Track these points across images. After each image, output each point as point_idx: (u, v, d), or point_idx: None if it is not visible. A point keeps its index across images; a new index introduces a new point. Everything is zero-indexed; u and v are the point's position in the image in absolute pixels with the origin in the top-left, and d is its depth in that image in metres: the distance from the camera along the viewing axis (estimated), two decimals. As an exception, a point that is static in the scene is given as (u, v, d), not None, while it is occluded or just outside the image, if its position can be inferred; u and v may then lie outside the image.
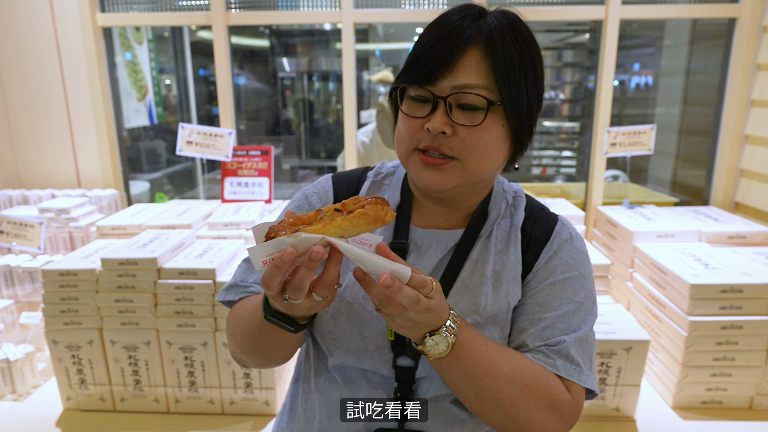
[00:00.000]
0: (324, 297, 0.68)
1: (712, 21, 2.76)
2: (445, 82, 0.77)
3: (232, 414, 1.75)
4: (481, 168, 0.81)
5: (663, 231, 2.00)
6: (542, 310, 0.85)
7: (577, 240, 0.91)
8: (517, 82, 0.76)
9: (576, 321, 0.85)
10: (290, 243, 0.60)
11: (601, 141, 2.42)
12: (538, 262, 0.88)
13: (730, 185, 2.51)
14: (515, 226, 0.90)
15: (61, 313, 1.69)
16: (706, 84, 2.76)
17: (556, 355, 0.82)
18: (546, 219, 0.92)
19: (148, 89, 3.46)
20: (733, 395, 1.69)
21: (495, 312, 0.85)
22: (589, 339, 0.86)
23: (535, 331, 0.84)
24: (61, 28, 2.45)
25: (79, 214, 2.24)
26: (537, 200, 0.97)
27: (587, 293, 0.88)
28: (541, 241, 0.89)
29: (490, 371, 0.76)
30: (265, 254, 0.62)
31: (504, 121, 0.79)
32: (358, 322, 0.86)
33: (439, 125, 0.77)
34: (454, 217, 0.91)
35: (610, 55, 2.40)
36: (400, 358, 0.85)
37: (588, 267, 0.90)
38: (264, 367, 0.94)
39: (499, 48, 0.75)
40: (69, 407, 1.78)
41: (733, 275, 1.64)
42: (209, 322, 1.66)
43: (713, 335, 1.62)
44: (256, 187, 2.37)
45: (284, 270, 0.63)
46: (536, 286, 0.87)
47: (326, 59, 5.58)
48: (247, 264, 0.96)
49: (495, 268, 0.87)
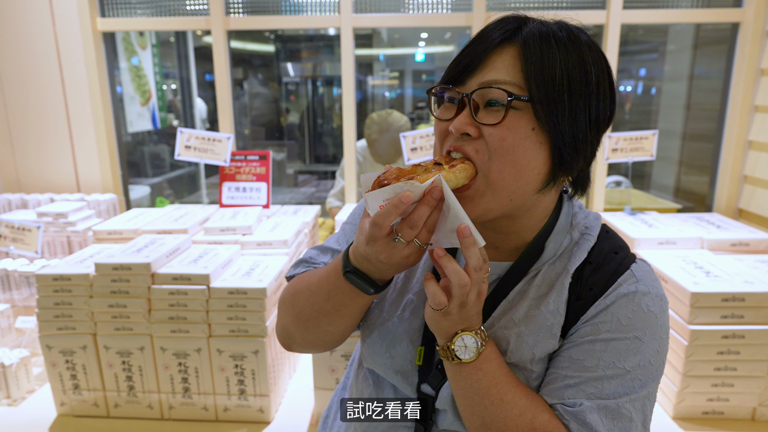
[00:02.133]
0: (423, 243, 0.70)
1: (715, 26, 2.74)
2: (473, 81, 0.72)
3: (226, 421, 1.73)
4: (506, 179, 0.71)
5: (664, 238, 1.98)
6: (572, 367, 0.74)
7: (645, 297, 0.75)
8: (555, 84, 0.69)
9: (611, 390, 0.72)
10: (407, 189, 0.66)
11: (603, 147, 2.40)
12: (586, 316, 0.76)
13: (734, 192, 2.48)
14: (567, 271, 0.78)
15: (55, 318, 1.68)
16: (710, 89, 2.74)
17: (571, 417, 0.72)
18: (613, 266, 0.78)
19: (151, 94, 3.47)
20: (735, 406, 1.66)
21: (516, 361, 0.77)
22: (625, 412, 0.72)
23: (556, 388, 0.75)
24: (61, 33, 2.46)
25: (77, 218, 2.24)
26: (617, 240, 0.83)
27: (641, 363, 0.73)
28: (597, 291, 0.76)
29: (504, 398, 0.73)
30: (382, 199, 0.67)
31: (534, 124, 0.70)
32: (389, 340, 0.85)
33: (461, 125, 0.71)
34: (505, 247, 0.82)
35: (611, 60, 2.38)
36: (423, 385, 0.84)
37: (653, 331, 0.74)
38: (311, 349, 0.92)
39: (535, 47, 0.69)
40: (63, 413, 1.77)
41: (735, 283, 1.61)
42: (203, 328, 1.65)
43: (714, 344, 1.59)
44: (254, 192, 2.36)
45: (401, 210, 0.66)
46: (576, 340, 0.76)
47: (330, 64, 5.59)
48: (319, 249, 0.97)
49: (529, 313, 0.78)
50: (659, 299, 0.76)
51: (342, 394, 1.05)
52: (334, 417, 1.04)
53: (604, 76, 0.73)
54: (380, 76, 5.98)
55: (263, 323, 1.64)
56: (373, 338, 0.87)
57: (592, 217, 0.84)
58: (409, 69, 6.22)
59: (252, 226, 2.04)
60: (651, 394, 0.75)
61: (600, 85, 0.72)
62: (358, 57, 5.27)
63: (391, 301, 0.88)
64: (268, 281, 1.65)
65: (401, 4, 2.48)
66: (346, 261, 0.76)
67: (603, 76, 0.72)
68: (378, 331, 0.87)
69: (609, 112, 0.75)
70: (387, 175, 0.69)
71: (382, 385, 0.89)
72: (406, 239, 0.68)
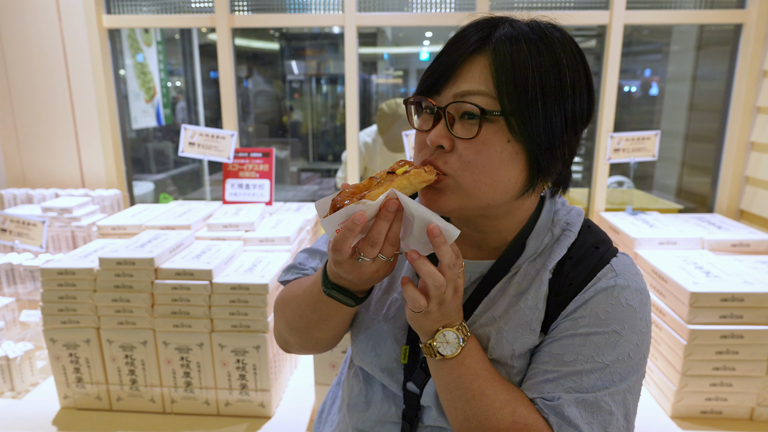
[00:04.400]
0: (388, 257, 0.70)
1: (718, 27, 2.74)
2: (447, 91, 0.71)
3: (227, 415, 1.75)
4: (481, 189, 0.71)
5: (665, 238, 1.98)
6: (552, 361, 0.75)
7: (624, 290, 0.75)
8: (528, 92, 0.67)
9: (590, 383, 0.72)
10: (359, 209, 0.65)
11: (605, 146, 2.40)
12: (565, 311, 0.76)
13: (735, 192, 2.48)
14: (546, 267, 0.78)
15: (59, 311, 1.70)
16: (712, 90, 2.73)
17: (550, 410, 0.72)
18: (593, 260, 0.78)
19: (156, 91, 3.49)
20: (734, 405, 1.66)
21: (497, 356, 0.78)
22: (604, 405, 0.72)
23: (536, 383, 0.75)
24: (67, 29, 2.47)
25: (82, 213, 2.26)
26: (599, 235, 0.83)
27: (620, 356, 0.73)
28: (576, 286, 0.76)
29: (485, 392, 0.74)
30: (337, 223, 0.67)
31: (509, 137, 0.69)
32: (374, 339, 0.86)
33: (436, 138, 0.71)
34: (486, 246, 0.83)
35: (614, 60, 2.39)
36: (408, 383, 0.85)
37: (632, 324, 0.74)
38: (308, 352, 0.94)
39: (506, 54, 0.67)
40: (66, 406, 1.79)
41: (735, 284, 1.62)
42: (205, 323, 1.66)
43: (713, 344, 1.60)
44: (257, 188, 2.37)
45: (356, 233, 0.66)
46: (556, 336, 0.76)
47: (335, 62, 5.60)
48: (308, 253, 0.98)
49: (508, 309, 0.78)
50: (639, 293, 0.76)
51: (337, 390, 1.07)
52: (329, 411, 1.06)
53: (580, 75, 0.71)
54: (384, 74, 5.99)
55: (265, 319, 1.65)
56: (360, 337, 0.88)
57: (574, 213, 0.84)
58: (414, 68, 6.22)
59: (255, 223, 2.05)
60: (632, 387, 0.74)
61: (576, 85, 0.70)
62: (362, 56, 5.29)
63: (377, 300, 0.89)
64: (270, 277, 1.67)
65: (405, 3, 2.49)
66: (325, 277, 0.78)
67: (578, 75, 0.71)
68: (364, 330, 0.88)
69: (587, 110, 0.74)
70: (341, 195, 0.68)
71: (371, 382, 0.91)
72: (369, 257, 0.69)
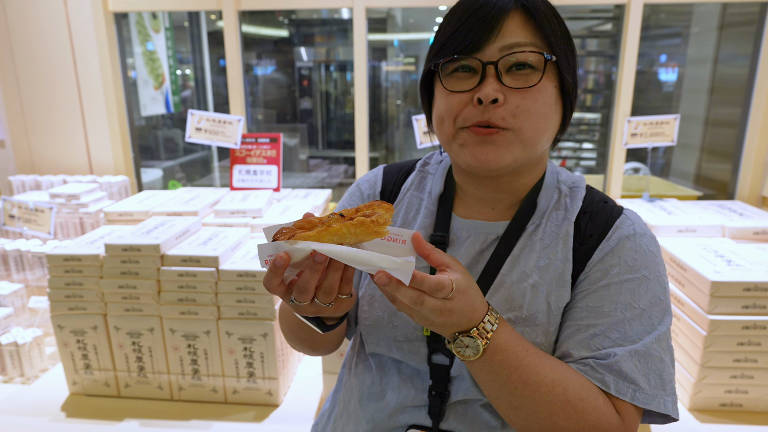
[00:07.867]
0: (326, 303, 0.66)
1: (742, 7, 2.64)
2: (492, 47, 0.72)
3: (234, 403, 1.73)
4: (539, 136, 0.75)
5: (684, 225, 1.92)
6: (592, 315, 0.75)
7: (643, 237, 0.79)
8: (564, 41, 0.76)
9: (635, 331, 0.74)
10: (286, 249, 0.62)
11: (621, 131, 2.33)
12: (592, 260, 0.78)
13: (757, 179, 2.40)
14: (568, 220, 0.81)
15: (66, 298, 1.69)
16: (735, 74, 2.64)
17: (606, 370, 0.72)
18: (606, 213, 0.82)
19: (165, 78, 3.46)
20: (755, 398, 1.61)
21: (533, 313, 0.77)
22: (655, 353, 0.73)
23: (582, 340, 0.75)
24: (73, 14, 2.44)
25: (89, 200, 2.25)
26: (601, 193, 0.87)
27: (653, 300, 0.76)
28: (597, 237, 0.79)
29: (527, 381, 0.70)
30: (266, 255, 0.64)
31: (557, 82, 0.75)
32: (389, 309, 0.84)
33: (493, 92, 0.71)
34: (500, 206, 0.85)
35: (632, 42, 2.30)
36: (435, 355, 0.81)
37: (656, 269, 0.77)
38: (314, 355, 0.99)
39: (541, 9, 0.74)
40: (75, 392, 1.78)
41: (758, 273, 1.56)
42: (212, 310, 1.64)
43: (734, 335, 1.54)
44: (265, 175, 2.34)
45: (279, 274, 0.63)
46: (588, 288, 0.77)
47: (344, 49, 5.53)
48: None
49: (538, 264, 0.79)
50: (653, 240, 0.81)
51: (335, 398, 1.02)
52: (324, 425, 1.01)
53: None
54: (395, 61, 5.91)
55: (272, 306, 1.62)
56: (374, 312, 0.85)
57: (576, 175, 0.90)
58: (424, 54, 6.14)
59: (262, 209, 2.02)
60: (668, 331, 0.77)
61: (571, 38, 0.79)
62: (372, 42, 5.20)
63: None
64: (277, 264, 1.64)
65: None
66: None
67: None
68: (378, 303, 0.85)
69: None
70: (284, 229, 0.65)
71: (385, 369, 0.88)
72: (301, 302, 0.66)
